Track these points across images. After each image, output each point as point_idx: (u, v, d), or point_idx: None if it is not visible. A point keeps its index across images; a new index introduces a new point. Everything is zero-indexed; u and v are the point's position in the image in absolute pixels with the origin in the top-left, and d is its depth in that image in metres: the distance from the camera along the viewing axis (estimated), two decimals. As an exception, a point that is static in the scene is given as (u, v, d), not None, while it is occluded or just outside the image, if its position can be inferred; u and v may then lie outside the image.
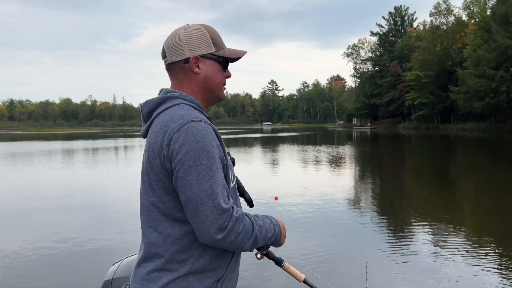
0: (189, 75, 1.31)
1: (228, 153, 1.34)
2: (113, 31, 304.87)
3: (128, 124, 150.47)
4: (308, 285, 1.51)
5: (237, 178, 1.41)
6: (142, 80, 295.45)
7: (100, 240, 5.91)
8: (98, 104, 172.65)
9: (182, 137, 1.16)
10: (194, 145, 1.15)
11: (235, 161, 1.43)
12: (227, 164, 1.26)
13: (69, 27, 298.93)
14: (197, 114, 1.24)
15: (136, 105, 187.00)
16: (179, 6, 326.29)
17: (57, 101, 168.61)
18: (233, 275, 1.34)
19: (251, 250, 1.32)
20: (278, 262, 1.45)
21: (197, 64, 1.30)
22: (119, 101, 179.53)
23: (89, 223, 6.99)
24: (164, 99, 1.27)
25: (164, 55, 1.34)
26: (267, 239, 1.30)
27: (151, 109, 1.29)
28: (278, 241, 1.35)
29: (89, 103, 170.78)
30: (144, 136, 1.30)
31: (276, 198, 8.38)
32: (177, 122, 1.18)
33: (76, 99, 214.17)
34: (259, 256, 1.38)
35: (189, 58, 1.29)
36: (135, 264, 1.32)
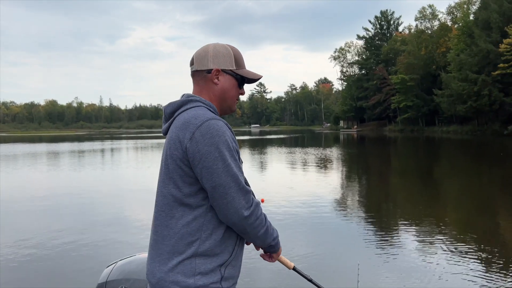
0: (209, 84, 1.50)
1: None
2: (100, 33, 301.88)
3: (115, 126, 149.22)
4: (297, 272, 1.67)
5: None
6: (130, 82, 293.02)
7: (93, 243, 5.89)
8: (84, 105, 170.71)
9: (205, 132, 1.33)
10: (217, 139, 1.33)
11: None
12: (240, 159, 1.45)
13: (54, 28, 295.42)
14: (215, 115, 1.41)
15: (123, 107, 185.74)
16: (165, 8, 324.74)
17: (42, 103, 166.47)
18: (236, 262, 1.47)
19: (258, 246, 1.51)
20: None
21: (217, 76, 1.49)
22: (106, 103, 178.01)
23: (81, 226, 6.97)
24: (185, 101, 1.45)
25: (192, 63, 1.54)
26: (272, 237, 1.49)
27: (173, 110, 1.47)
28: (279, 246, 1.55)
29: (75, 104, 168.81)
30: (165, 133, 1.50)
31: (262, 201, 8.47)
32: (199, 119, 1.35)
33: (62, 101, 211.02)
34: (256, 248, 1.56)
35: (212, 69, 1.48)
36: (137, 262, 1.49)
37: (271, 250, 1.55)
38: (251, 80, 1.56)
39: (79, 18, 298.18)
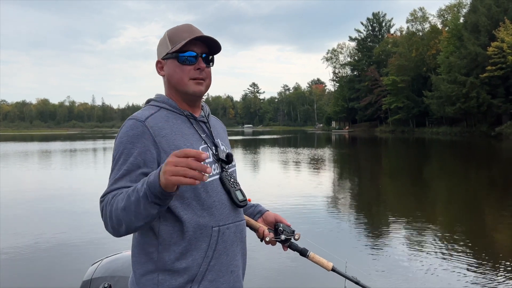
0: (163, 79, 1.40)
1: (216, 150, 1.36)
2: (91, 32, 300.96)
3: (107, 125, 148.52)
4: (337, 272, 1.43)
5: (221, 176, 1.34)
6: (122, 82, 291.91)
7: (78, 241, 5.85)
8: (76, 105, 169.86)
9: (119, 131, 1.30)
10: (118, 138, 1.28)
11: (230, 157, 1.38)
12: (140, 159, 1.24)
13: (46, 27, 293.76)
14: (146, 113, 1.29)
15: (115, 106, 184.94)
16: (157, 8, 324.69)
17: (34, 102, 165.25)
18: (216, 275, 1.27)
19: (140, 221, 1.13)
20: (303, 252, 1.41)
21: (161, 67, 1.38)
22: (98, 102, 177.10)
23: (66, 224, 6.92)
24: (146, 101, 1.42)
25: None
26: (140, 199, 1.08)
27: None
28: (154, 187, 1.06)
29: (67, 104, 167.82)
30: None
31: (249, 200, 8.48)
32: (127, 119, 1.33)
33: (54, 100, 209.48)
34: (284, 248, 1.41)
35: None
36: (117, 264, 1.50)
37: (158, 199, 1.08)
38: (189, 45, 1.30)
39: (70, 16, 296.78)
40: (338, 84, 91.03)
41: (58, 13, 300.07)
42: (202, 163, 1.07)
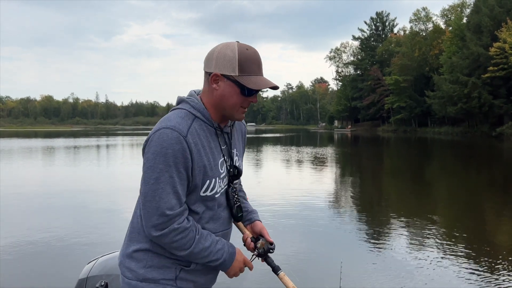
0: (210, 87, 1.39)
1: (231, 164, 1.49)
2: (95, 29, 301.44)
3: (111, 122, 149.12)
4: None
5: (230, 191, 1.50)
6: (126, 79, 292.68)
7: (75, 239, 5.84)
8: (80, 101, 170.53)
9: (155, 139, 1.31)
10: (158, 149, 1.29)
11: (239, 173, 1.53)
12: (203, 173, 1.37)
13: (49, 24, 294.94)
14: (184, 125, 1.34)
15: (119, 103, 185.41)
16: (160, 5, 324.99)
17: (38, 98, 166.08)
18: (203, 268, 1.45)
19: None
20: (275, 269, 1.50)
21: (217, 81, 1.37)
22: (102, 99, 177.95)
23: (63, 222, 6.91)
24: (178, 101, 1.45)
25: None
26: (207, 261, 1.40)
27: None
28: (224, 269, 1.46)
29: (71, 100, 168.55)
30: None
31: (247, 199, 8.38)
32: (160, 124, 1.33)
33: (58, 97, 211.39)
34: (260, 259, 1.53)
35: (212, 73, 1.38)
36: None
37: (217, 267, 1.47)
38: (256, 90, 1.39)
39: (74, 13, 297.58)
40: (341, 83, 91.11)
41: (61, 10, 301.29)
42: (220, 176, 1.44)
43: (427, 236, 6.01)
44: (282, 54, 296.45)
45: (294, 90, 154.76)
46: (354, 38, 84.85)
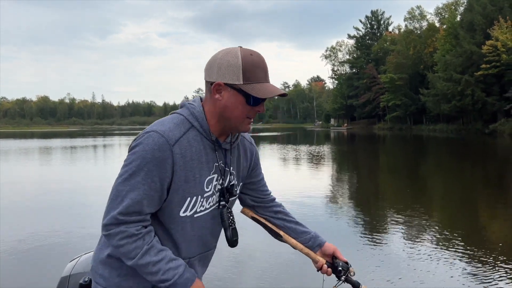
0: (212, 97, 1.28)
1: (222, 183, 1.35)
2: (91, 27, 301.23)
3: (108, 122, 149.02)
4: None
5: (224, 212, 1.37)
6: (122, 78, 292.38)
7: (57, 237, 5.80)
8: (76, 102, 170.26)
9: (140, 140, 1.23)
10: (139, 151, 1.21)
11: (232, 193, 1.39)
12: (184, 189, 1.26)
13: (45, 22, 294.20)
14: (176, 133, 1.24)
15: (115, 103, 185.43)
16: (156, 3, 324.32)
17: (34, 99, 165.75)
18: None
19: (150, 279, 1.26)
20: (355, 285, 1.44)
21: (220, 91, 1.26)
22: (99, 99, 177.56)
23: (45, 220, 6.90)
24: (181, 104, 1.36)
25: None
26: (156, 279, 1.23)
27: None
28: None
29: (67, 100, 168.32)
30: None
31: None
32: (150, 128, 1.25)
33: (54, 97, 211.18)
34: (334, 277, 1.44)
35: (214, 82, 1.26)
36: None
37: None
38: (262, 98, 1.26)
39: (69, 12, 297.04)
40: (337, 82, 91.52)
41: (57, 9, 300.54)
42: (203, 195, 1.30)
43: (422, 232, 6.02)
44: (279, 52, 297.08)
45: (291, 88, 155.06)
46: (350, 37, 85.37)
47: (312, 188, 10.62)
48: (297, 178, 12.80)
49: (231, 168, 1.39)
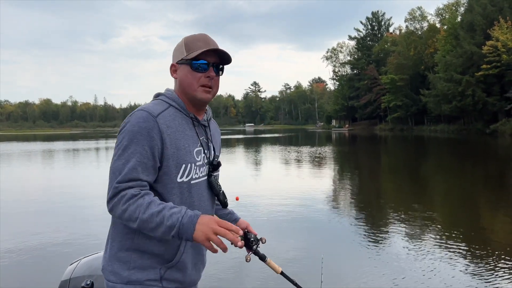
0: (174, 81, 1.49)
1: (209, 155, 1.50)
2: (92, 31, 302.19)
3: (110, 125, 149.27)
4: (284, 276, 1.61)
5: (210, 180, 1.49)
6: (124, 81, 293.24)
7: (57, 241, 5.81)
8: (79, 104, 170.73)
9: (126, 121, 1.35)
10: (127, 128, 1.32)
11: (219, 163, 1.54)
12: (178, 157, 1.36)
13: (46, 26, 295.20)
14: (157, 108, 1.37)
15: (117, 105, 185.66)
16: (156, 7, 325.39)
17: (37, 102, 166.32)
18: (184, 267, 1.42)
19: (157, 235, 1.28)
20: (262, 258, 1.56)
21: (175, 70, 1.46)
22: (101, 102, 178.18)
23: (44, 224, 6.88)
24: (155, 95, 1.50)
25: None
26: (162, 230, 1.25)
27: None
28: (189, 237, 1.24)
29: (69, 103, 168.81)
30: None
31: (237, 199, 7.93)
32: (135, 110, 1.38)
33: (57, 100, 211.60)
34: (248, 259, 1.49)
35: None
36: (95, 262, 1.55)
37: (178, 238, 1.27)
38: (200, 57, 1.41)
39: (70, 16, 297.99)
40: (338, 83, 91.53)
41: (58, 13, 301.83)
42: (196, 163, 1.41)
43: (424, 232, 6.06)
44: (280, 54, 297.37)
45: (292, 90, 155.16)
46: (350, 38, 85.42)
47: (314, 188, 10.64)
48: (299, 179, 12.81)
49: (212, 144, 1.55)
